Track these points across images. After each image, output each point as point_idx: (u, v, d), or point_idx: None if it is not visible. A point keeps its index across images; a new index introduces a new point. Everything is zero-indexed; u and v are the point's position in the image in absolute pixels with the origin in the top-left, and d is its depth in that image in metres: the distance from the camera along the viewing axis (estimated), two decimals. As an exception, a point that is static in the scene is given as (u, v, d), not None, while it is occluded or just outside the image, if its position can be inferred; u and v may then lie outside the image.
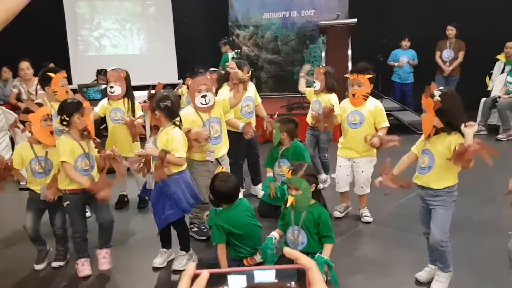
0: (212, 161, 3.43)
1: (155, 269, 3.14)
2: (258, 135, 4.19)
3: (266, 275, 0.67)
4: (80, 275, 3.06)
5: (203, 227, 3.58)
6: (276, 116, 4.02)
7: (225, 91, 3.93)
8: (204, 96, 3.30)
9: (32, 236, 3.17)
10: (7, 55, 6.62)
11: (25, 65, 5.90)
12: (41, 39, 7.79)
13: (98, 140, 3.18)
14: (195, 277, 0.67)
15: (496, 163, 2.44)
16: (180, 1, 9.05)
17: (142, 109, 4.23)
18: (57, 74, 3.76)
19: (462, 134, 2.49)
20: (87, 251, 3.14)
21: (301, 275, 0.70)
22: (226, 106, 3.45)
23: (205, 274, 0.67)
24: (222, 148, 3.48)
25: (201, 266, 3.15)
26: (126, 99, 4.04)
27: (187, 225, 3.15)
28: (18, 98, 6.23)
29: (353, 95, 3.56)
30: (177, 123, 3.04)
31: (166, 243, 3.21)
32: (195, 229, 3.58)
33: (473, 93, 7.16)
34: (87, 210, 3.33)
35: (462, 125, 2.45)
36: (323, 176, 4.61)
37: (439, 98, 2.48)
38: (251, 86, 4.28)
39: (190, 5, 9.13)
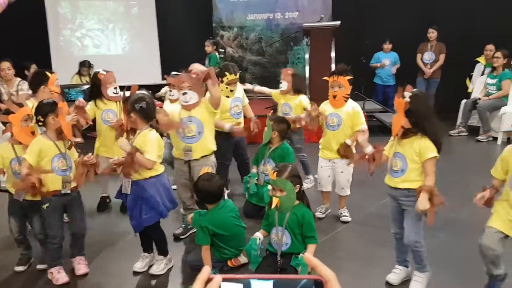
0: (183, 161, 3.44)
1: (136, 273, 3.11)
2: (245, 136, 4.22)
3: (264, 286, 0.67)
4: (58, 283, 2.99)
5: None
6: (270, 114, 4.05)
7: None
8: (184, 94, 3.32)
9: (18, 239, 3.17)
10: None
11: (5, 65, 5.79)
12: (22, 39, 7.67)
13: (79, 140, 3.15)
14: (208, 281, 0.67)
15: (476, 164, 2.50)
16: (163, 1, 9.01)
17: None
18: (53, 74, 3.79)
19: (430, 138, 2.53)
20: (62, 258, 3.08)
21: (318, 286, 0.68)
22: (209, 106, 3.39)
23: (217, 278, 0.67)
24: (198, 150, 3.41)
25: (185, 268, 3.15)
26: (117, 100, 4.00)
27: (162, 230, 3.11)
28: (-1, 99, 6.12)
29: (334, 96, 3.59)
30: (154, 125, 3.00)
31: (147, 247, 3.18)
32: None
33: (454, 95, 7.32)
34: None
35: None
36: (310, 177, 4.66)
37: (408, 99, 2.52)
38: (240, 87, 4.30)
39: (173, 5, 9.09)
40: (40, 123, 2.95)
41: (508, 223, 2.38)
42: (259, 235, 2.97)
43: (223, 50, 8.11)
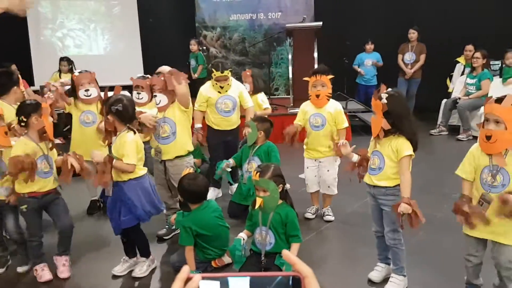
0: (159, 160, 3.45)
1: (117, 276, 3.07)
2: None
3: (241, 283, 0.68)
4: (41, 281, 2.99)
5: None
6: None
7: (206, 87, 4.21)
8: (155, 96, 3.41)
9: None
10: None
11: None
12: (1, 39, 7.54)
13: (60, 141, 3.12)
14: (187, 280, 0.67)
15: (456, 162, 2.53)
16: (145, 1, 8.94)
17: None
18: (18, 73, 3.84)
19: (406, 137, 2.58)
20: (44, 255, 3.08)
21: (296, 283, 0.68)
22: (179, 105, 3.37)
23: (197, 277, 0.68)
24: (170, 151, 3.41)
25: (168, 269, 3.14)
26: (98, 102, 3.90)
27: (142, 232, 3.08)
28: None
29: (317, 95, 3.62)
30: (133, 127, 2.96)
31: (128, 251, 3.14)
32: None
33: (434, 94, 7.43)
34: None
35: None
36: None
37: (386, 101, 2.55)
38: (236, 87, 4.27)
39: (156, 5, 9.04)
40: (22, 124, 2.90)
41: (483, 226, 2.36)
42: (243, 235, 2.97)
43: (205, 48, 8.09)
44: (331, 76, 3.61)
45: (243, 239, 2.93)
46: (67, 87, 4.04)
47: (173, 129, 3.38)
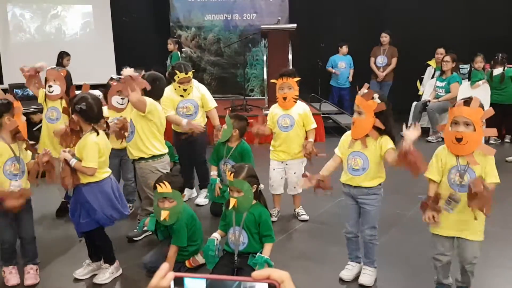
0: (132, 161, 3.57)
1: (78, 280, 3.01)
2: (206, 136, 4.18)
3: (196, 284, 0.69)
4: (7, 284, 2.91)
5: None
6: (229, 113, 3.98)
7: (168, 90, 4.00)
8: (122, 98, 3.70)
9: None
10: None
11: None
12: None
13: (31, 142, 3.04)
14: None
15: (425, 163, 2.60)
16: (119, 0, 8.82)
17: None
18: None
19: (390, 136, 2.64)
20: (15, 259, 2.99)
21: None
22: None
23: (170, 275, 0.70)
24: (131, 150, 3.43)
25: (141, 269, 3.10)
26: (63, 100, 3.88)
27: (107, 237, 3.02)
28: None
29: (284, 98, 3.65)
30: (98, 127, 2.89)
31: (91, 254, 3.07)
32: None
33: (405, 97, 7.58)
34: None
35: (405, 128, 2.59)
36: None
37: (379, 101, 2.61)
38: (198, 89, 4.16)
39: (129, 4, 8.93)
40: None
41: (453, 223, 2.45)
42: (216, 235, 2.97)
43: (184, 50, 8.03)
44: (297, 79, 3.65)
45: (217, 239, 2.93)
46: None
47: (131, 128, 3.41)
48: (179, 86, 4.01)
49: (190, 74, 4.01)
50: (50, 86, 3.84)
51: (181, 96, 4.06)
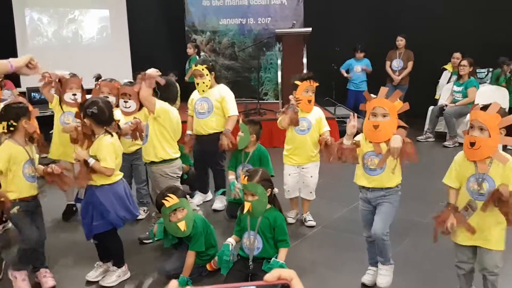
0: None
1: (89, 283, 3.01)
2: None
3: None
4: None
5: None
6: (242, 118, 3.93)
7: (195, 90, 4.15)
8: (126, 102, 3.72)
9: None
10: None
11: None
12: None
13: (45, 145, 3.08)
14: None
15: (442, 169, 2.56)
16: (135, 4, 8.91)
17: None
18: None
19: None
20: (29, 265, 2.97)
21: None
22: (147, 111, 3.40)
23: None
24: (145, 153, 3.46)
25: (161, 276, 3.09)
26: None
27: (119, 239, 3.03)
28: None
29: (309, 101, 3.65)
30: (111, 130, 2.92)
31: (102, 256, 3.08)
32: None
33: (421, 101, 7.48)
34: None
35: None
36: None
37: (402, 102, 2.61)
38: (218, 91, 4.11)
39: (145, 9, 9.01)
40: (12, 128, 2.81)
41: (479, 234, 2.38)
42: (231, 240, 2.96)
43: (202, 54, 8.05)
44: (317, 84, 3.68)
45: (232, 244, 2.92)
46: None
47: (146, 131, 3.42)
48: (194, 80, 4.10)
49: (200, 67, 3.98)
50: (74, 94, 3.88)
51: (202, 91, 4.09)
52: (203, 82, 4.02)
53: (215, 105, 4.06)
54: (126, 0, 8.84)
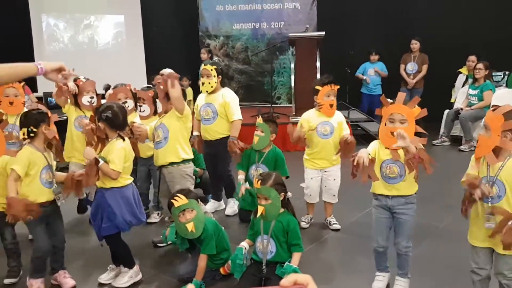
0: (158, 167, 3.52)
1: (101, 285, 3.04)
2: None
3: None
4: None
5: None
6: (260, 119, 3.87)
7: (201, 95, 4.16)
8: (140, 106, 3.76)
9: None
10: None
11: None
12: (5, 43, 7.58)
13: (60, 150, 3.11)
14: None
15: (458, 173, 2.53)
16: (149, 10, 9.00)
17: None
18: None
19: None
20: (46, 271, 3.01)
21: None
22: (175, 112, 3.38)
23: None
24: (161, 156, 3.44)
25: (175, 279, 3.10)
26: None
27: (122, 241, 3.04)
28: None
29: (331, 105, 3.61)
30: (124, 135, 2.97)
31: (116, 259, 3.10)
32: None
33: (436, 105, 7.41)
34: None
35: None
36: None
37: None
38: (224, 97, 4.05)
39: (159, 14, 9.09)
40: (32, 134, 2.84)
41: (486, 234, 2.34)
42: (245, 244, 2.96)
43: (215, 59, 8.09)
44: (338, 86, 3.65)
45: (245, 248, 2.92)
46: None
47: (165, 134, 3.40)
48: (200, 79, 4.13)
49: (209, 67, 3.99)
50: (91, 97, 3.95)
51: (207, 91, 4.06)
52: (209, 83, 3.99)
53: (219, 110, 4.03)
54: (141, 5, 8.94)
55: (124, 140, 2.93)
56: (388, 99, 2.65)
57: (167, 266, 3.31)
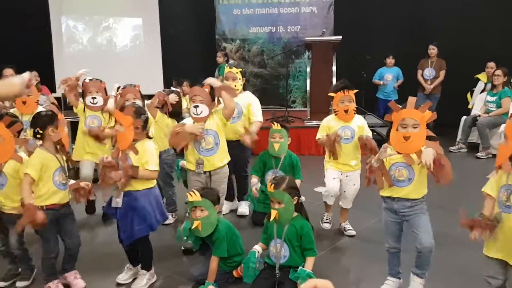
0: (201, 173, 3.42)
1: (119, 285, 3.06)
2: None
3: None
4: None
5: None
6: (277, 124, 3.89)
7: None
8: (196, 107, 3.33)
9: (1, 250, 3.09)
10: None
11: (8, 72, 5.80)
12: (24, 45, 7.73)
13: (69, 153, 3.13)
14: None
15: (475, 180, 2.50)
16: (167, 13, 9.09)
17: None
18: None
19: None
20: (57, 272, 3.03)
21: None
22: (222, 117, 3.41)
23: None
24: (216, 161, 3.43)
25: (188, 281, 3.13)
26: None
27: (150, 242, 3.07)
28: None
29: (346, 111, 3.58)
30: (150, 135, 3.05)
31: (132, 260, 3.12)
32: None
33: (454, 111, 7.35)
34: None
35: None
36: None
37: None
38: (246, 97, 4.19)
39: (177, 17, 9.18)
40: (38, 136, 2.85)
41: (500, 245, 2.32)
42: (258, 248, 2.96)
43: (231, 62, 8.12)
44: (356, 91, 3.61)
45: (258, 251, 2.92)
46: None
47: (216, 139, 3.40)
48: (224, 83, 4.11)
49: (234, 70, 4.09)
50: (93, 98, 3.98)
51: None
52: (235, 86, 4.07)
53: (243, 110, 4.14)
54: (159, 8, 9.03)
55: (151, 138, 3.02)
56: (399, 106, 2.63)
57: (180, 267, 3.33)
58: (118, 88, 4.06)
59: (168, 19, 9.06)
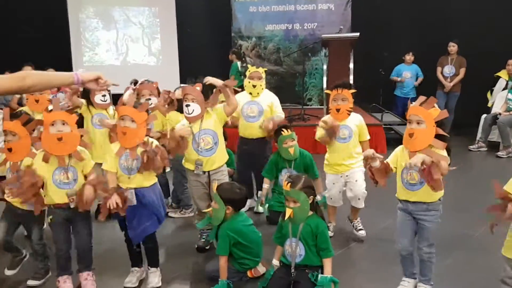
0: (200, 173, 3.37)
1: None
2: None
3: None
4: None
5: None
6: (285, 131, 3.83)
7: (239, 94, 4.00)
8: (187, 106, 3.25)
9: (3, 247, 3.07)
10: (9, 58, 6.65)
11: (28, 69, 5.89)
12: (44, 44, 7.84)
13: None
14: None
15: (494, 180, 2.42)
16: (184, 11, 9.13)
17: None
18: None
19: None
20: (70, 269, 3.00)
21: None
22: (222, 115, 3.35)
23: None
24: (215, 161, 3.36)
25: (202, 277, 3.12)
26: (110, 106, 4.05)
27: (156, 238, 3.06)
28: (20, 102, 6.25)
29: (338, 110, 3.52)
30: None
31: (136, 261, 3.10)
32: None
33: (474, 109, 7.22)
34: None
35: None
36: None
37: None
38: (267, 96, 4.23)
39: (193, 15, 9.21)
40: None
41: None
42: (276, 263, 2.93)
43: (245, 61, 8.10)
44: (353, 91, 3.51)
45: (276, 266, 2.92)
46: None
47: (215, 139, 3.33)
48: (249, 82, 4.14)
49: (260, 69, 4.14)
50: (103, 96, 3.96)
51: (250, 93, 4.14)
52: (260, 85, 4.13)
53: (266, 109, 4.16)
54: (175, 7, 9.08)
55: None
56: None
57: (195, 265, 3.33)
58: (136, 82, 4.02)
59: (184, 16, 9.11)
